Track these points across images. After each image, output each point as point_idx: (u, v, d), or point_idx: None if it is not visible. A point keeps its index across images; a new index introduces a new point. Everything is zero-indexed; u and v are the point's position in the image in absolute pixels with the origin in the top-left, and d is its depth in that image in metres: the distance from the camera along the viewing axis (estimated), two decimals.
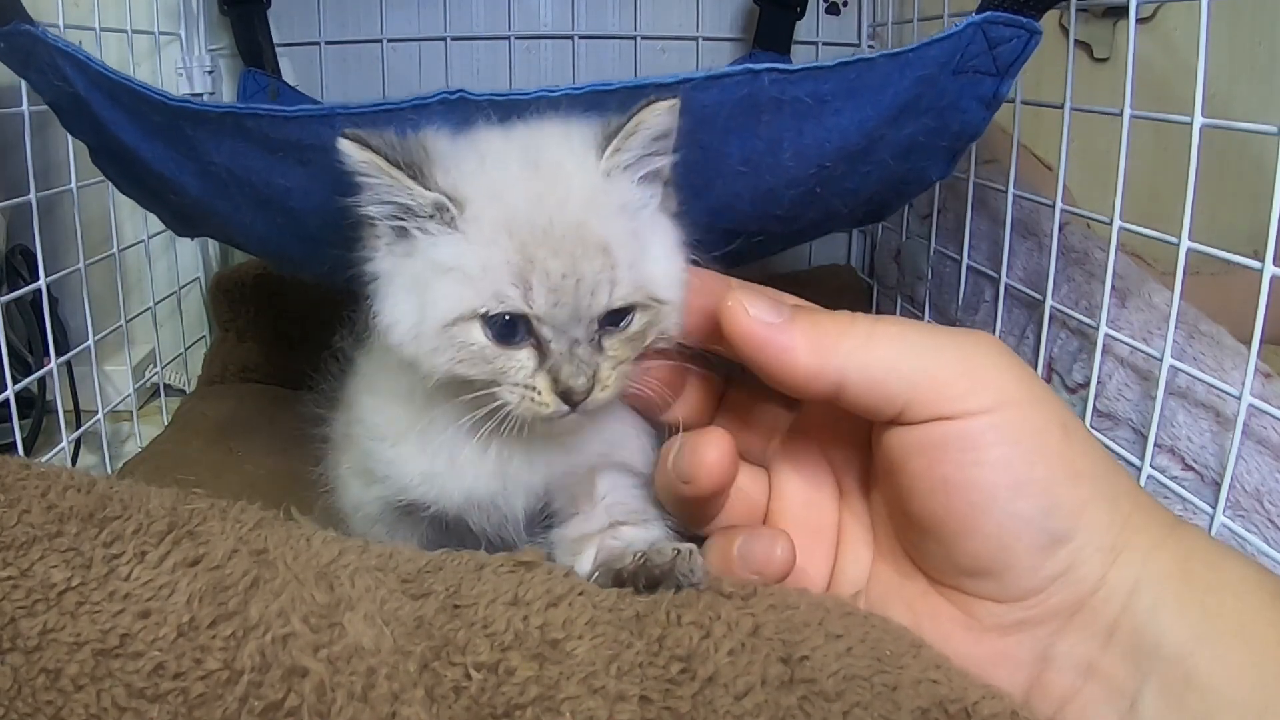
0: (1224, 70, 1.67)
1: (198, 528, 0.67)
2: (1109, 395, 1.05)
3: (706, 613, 0.63)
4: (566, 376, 0.71)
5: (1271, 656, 0.55)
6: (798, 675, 0.59)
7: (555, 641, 0.61)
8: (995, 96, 0.95)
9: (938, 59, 0.91)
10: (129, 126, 0.96)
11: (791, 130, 0.92)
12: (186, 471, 1.24)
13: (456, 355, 0.72)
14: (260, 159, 0.92)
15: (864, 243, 1.81)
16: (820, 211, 1.07)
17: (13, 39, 0.91)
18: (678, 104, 0.74)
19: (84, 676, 0.57)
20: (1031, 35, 0.91)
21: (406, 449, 0.82)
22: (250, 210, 1.00)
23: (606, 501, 0.85)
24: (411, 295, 0.73)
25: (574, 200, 0.72)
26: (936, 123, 0.98)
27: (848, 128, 0.93)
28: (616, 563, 0.75)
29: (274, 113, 0.88)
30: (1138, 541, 0.61)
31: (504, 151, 0.75)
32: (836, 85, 0.90)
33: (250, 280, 1.63)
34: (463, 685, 0.58)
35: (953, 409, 0.62)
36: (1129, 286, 1.10)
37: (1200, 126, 0.86)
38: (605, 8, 1.70)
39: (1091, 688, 0.60)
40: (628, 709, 0.57)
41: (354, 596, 0.62)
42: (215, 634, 0.59)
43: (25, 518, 0.65)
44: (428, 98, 0.85)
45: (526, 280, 0.70)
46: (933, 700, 0.58)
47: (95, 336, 1.33)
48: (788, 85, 0.88)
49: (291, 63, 1.65)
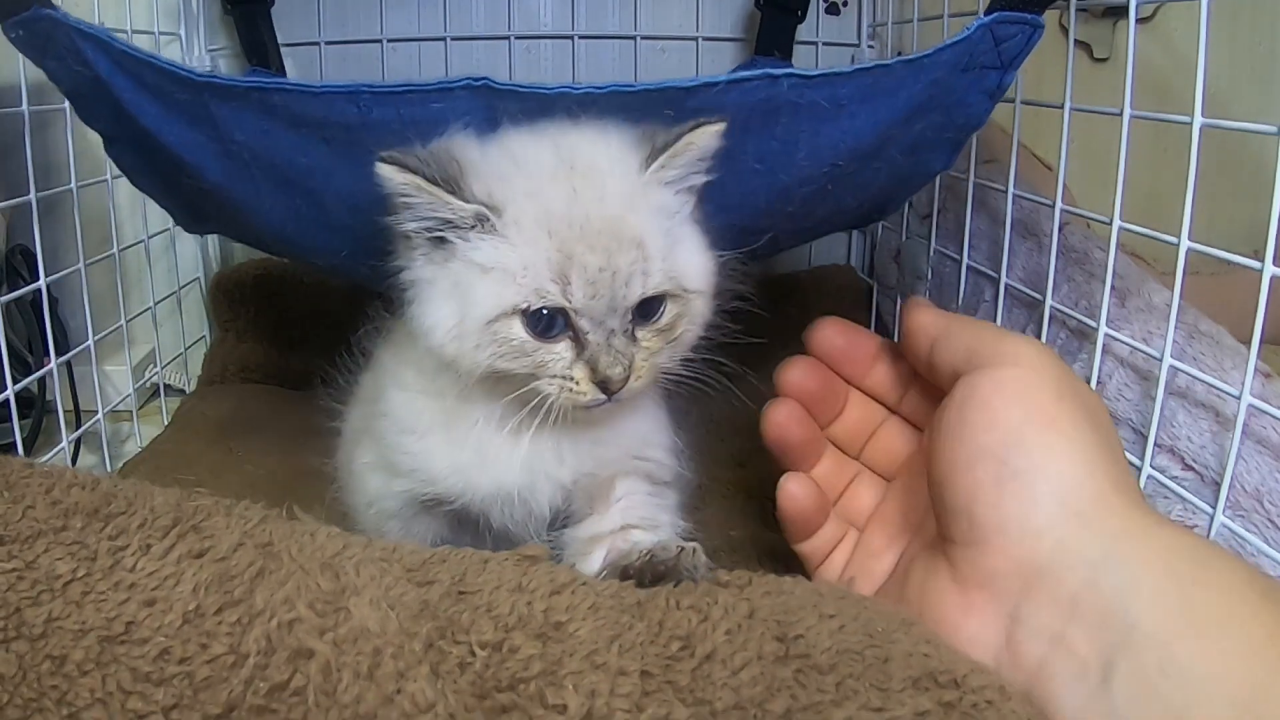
0: (1224, 70, 1.67)
1: (203, 523, 0.68)
2: (1109, 395, 1.05)
3: (704, 598, 0.65)
4: (604, 366, 0.74)
5: (1259, 651, 0.55)
6: (792, 651, 0.61)
7: (559, 623, 0.62)
8: (999, 88, 0.97)
9: (950, 61, 0.93)
10: (151, 108, 0.96)
11: (808, 132, 0.94)
12: (187, 471, 1.24)
13: (499, 350, 0.75)
14: (283, 136, 0.92)
15: (864, 243, 1.81)
16: (830, 208, 1.08)
17: (33, 25, 0.91)
18: (724, 127, 0.78)
19: (89, 662, 0.58)
20: (1035, 30, 0.93)
21: (434, 441, 0.84)
22: (270, 193, 1.00)
23: (622, 504, 0.87)
24: (452, 298, 0.76)
25: (610, 198, 0.75)
26: (943, 118, 0.99)
27: (862, 129, 0.95)
28: (623, 560, 0.77)
29: (300, 88, 0.89)
30: (1112, 523, 0.63)
31: (537, 153, 0.78)
32: (854, 90, 0.92)
33: (250, 280, 1.63)
34: (467, 662, 0.59)
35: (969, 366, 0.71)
36: (1129, 286, 1.11)
37: (1200, 126, 0.87)
38: (605, 8, 1.70)
39: (1059, 659, 0.61)
40: (629, 682, 0.58)
41: (359, 584, 0.63)
42: (221, 620, 0.60)
43: (30, 513, 0.66)
44: (452, 82, 0.86)
45: (565, 275, 0.73)
46: (924, 671, 0.60)
47: (95, 336, 1.33)
48: (806, 90, 0.90)
49: (292, 62, 1.65)
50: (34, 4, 0.90)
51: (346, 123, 0.88)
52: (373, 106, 0.87)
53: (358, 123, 0.88)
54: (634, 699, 0.58)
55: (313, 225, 1.04)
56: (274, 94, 0.90)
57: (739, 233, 1.07)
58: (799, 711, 0.57)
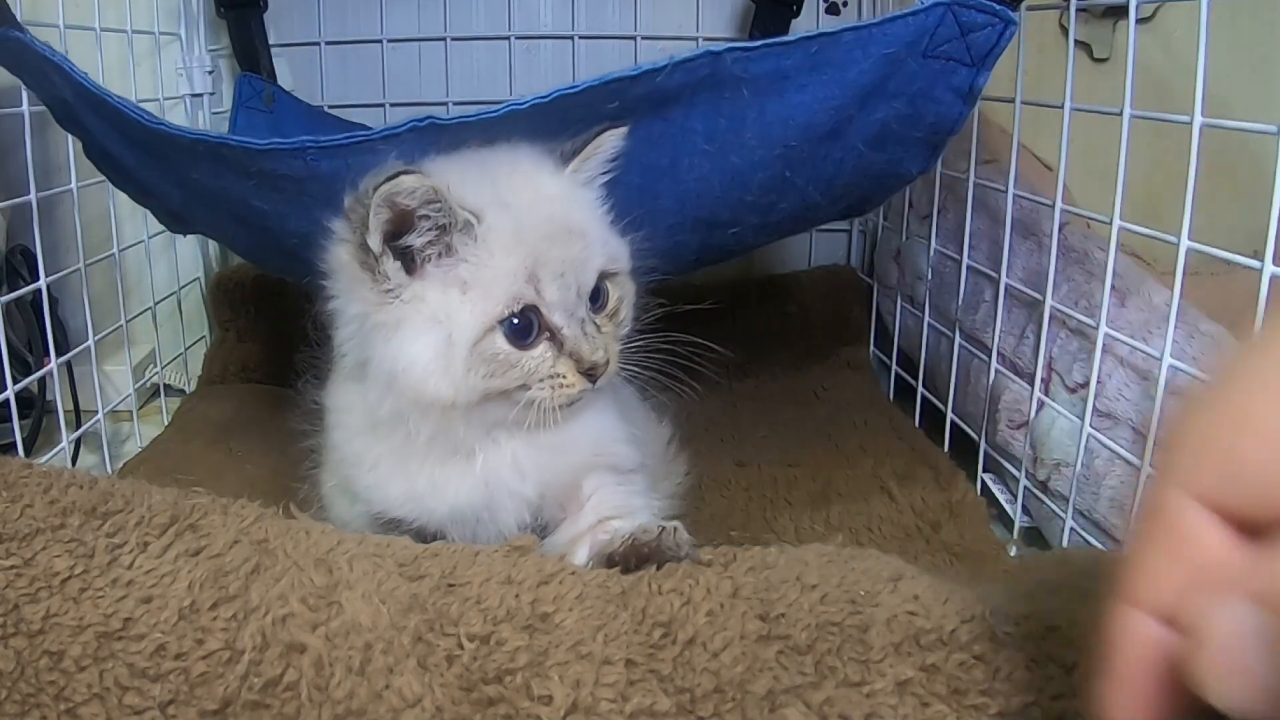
0: (1224, 70, 1.67)
1: (199, 521, 0.69)
2: (1109, 395, 1.05)
3: (686, 580, 0.66)
4: (588, 353, 0.78)
5: None
6: (774, 632, 0.61)
7: (545, 614, 0.63)
8: (971, 89, 0.96)
9: (903, 37, 0.91)
10: (111, 135, 0.98)
11: (754, 108, 0.94)
12: (187, 471, 1.24)
13: (488, 369, 0.77)
14: (236, 182, 0.94)
15: (864, 243, 1.81)
16: (795, 201, 1.07)
17: (2, 44, 0.92)
18: (623, 131, 0.85)
19: (87, 658, 0.58)
20: (1007, 25, 0.91)
21: (383, 474, 0.85)
22: (231, 223, 1.02)
23: (593, 501, 0.88)
24: (430, 330, 0.77)
25: (556, 198, 0.81)
26: (909, 109, 0.98)
27: (812, 105, 0.94)
28: (607, 549, 0.78)
29: (246, 145, 0.90)
30: None
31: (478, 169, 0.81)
32: (799, 60, 0.91)
33: (250, 280, 1.63)
34: (455, 654, 0.60)
35: None
36: (1129, 286, 1.11)
37: (1200, 126, 0.87)
38: (605, 8, 1.70)
39: None
40: (614, 672, 0.59)
41: (352, 579, 0.64)
42: (216, 616, 0.60)
43: (28, 512, 0.67)
44: (397, 127, 0.88)
45: (535, 275, 0.76)
46: (906, 634, 0.60)
47: (95, 336, 1.33)
48: (749, 63, 0.90)
49: (291, 63, 1.65)
50: (4, 24, 0.91)
51: (295, 175, 0.90)
52: (320, 159, 0.88)
53: (306, 174, 0.89)
54: (619, 688, 0.59)
55: (275, 253, 1.05)
56: (222, 148, 0.91)
57: (701, 225, 1.08)
58: (781, 693, 0.58)
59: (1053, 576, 0.85)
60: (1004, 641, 0.59)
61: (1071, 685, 0.58)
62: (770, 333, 1.69)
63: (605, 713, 0.58)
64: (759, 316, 1.69)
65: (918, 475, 1.25)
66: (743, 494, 1.24)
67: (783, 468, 1.29)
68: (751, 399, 1.56)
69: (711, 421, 1.44)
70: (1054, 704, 0.57)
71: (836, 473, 1.28)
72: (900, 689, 0.58)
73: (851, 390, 1.57)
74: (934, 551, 1.08)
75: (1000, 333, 1.24)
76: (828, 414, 1.48)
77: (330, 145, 0.87)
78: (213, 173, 0.94)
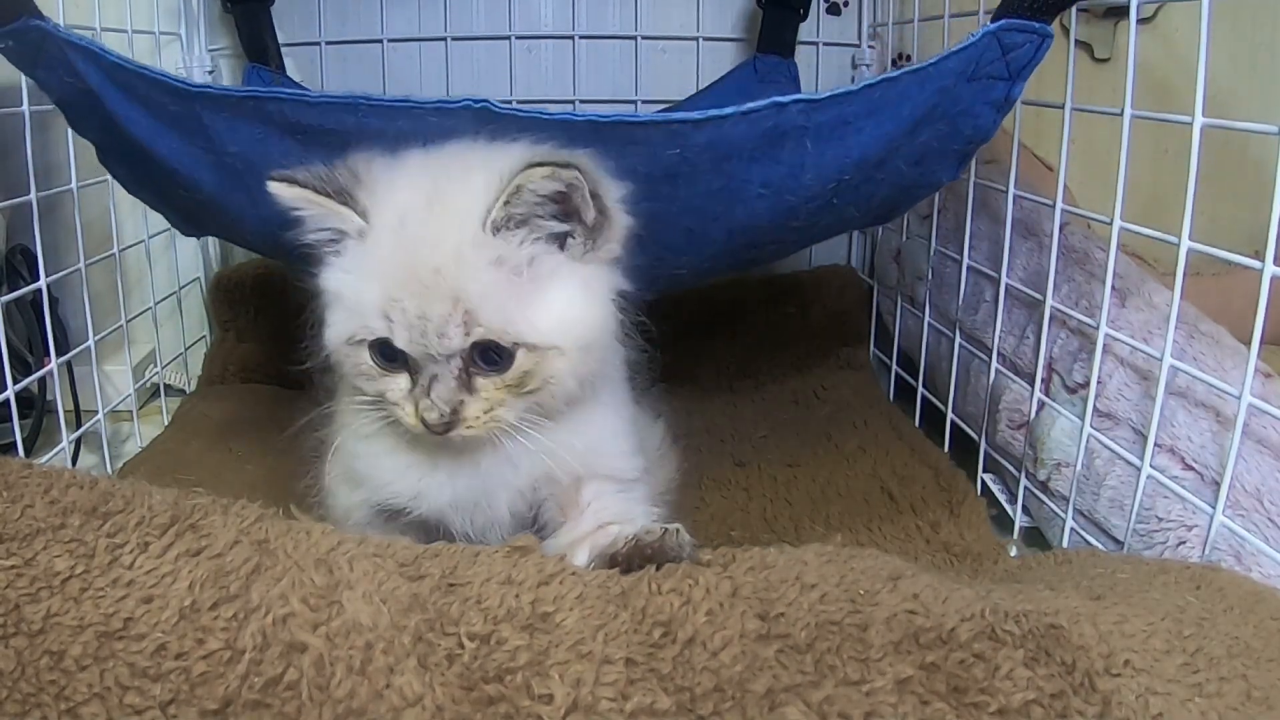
0: (1224, 70, 1.67)
1: (200, 521, 0.69)
2: (1109, 395, 1.05)
3: (685, 580, 0.66)
4: (422, 410, 0.76)
5: None
6: (774, 631, 0.61)
7: (545, 615, 0.63)
8: (1007, 100, 0.96)
9: (955, 69, 0.92)
10: (143, 120, 0.97)
11: (814, 154, 0.94)
12: (187, 471, 1.24)
13: (354, 370, 0.80)
14: (277, 144, 0.93)
15: (864, 243, 1.81)
16: (834, 218, 1.08)
17: (22, 35, 0.91)
18: (556, 171, 0.73)
19: (87, 657, 0.58)
20: (1044, 39, 0.92)
21: (383, 445, 0.86)
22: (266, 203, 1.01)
23: (593, 507, 0.88)
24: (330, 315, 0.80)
25: (442, 247, 0.74)
26: (949, 129, 0.98)
27: (868, 143, 0.95)
28: (610, 549, 0.79)
29: (298, 97, 0.89)
30: None
31: (413, 182, 0.78)
32: (861, 107, 0.91)
33: (250, 280, 1.63)
34: (455, 654, 0.60)
35: None
36: (1129, 286, 1.11)
37: (1200, 126, 0.87)
38: (606, 8, 1.70)
39: None
40: (614, 671, 0.59)
41: (353, 579, 0.64)
42: (217, 616, 0.60)
43: (29, 512, 0.67)
44: (452, 102, 0.87)
45: (389, 315, 0.75)
46: (905, 632, 0.60)
47: (95, 336, 1.33)
48: (814, 113, 0.90)
49: (292, 62, 1.65)
50: (22, 14, 0.90)
51: (343, 130, 0.89)
52: (371, 116, 0.88)
53: (355, 129, 0.89)
54: (619, 687, 0.59)
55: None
56: (269, 103, 0.91)
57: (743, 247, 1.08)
58: (781, 692, 0.58)
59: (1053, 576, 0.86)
60: (1003, 640, 0.59)
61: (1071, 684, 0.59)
62: (770, 333, 1.69)
63: (605, 712, 0.58)
64: (759, 317, 1.69)
65: (918, 475, 1.25)
66: (743, 494, 1.24)
67: (783, 468, 1.29)
68: (751, 399, 1.56)
69: (711, 421, 1.44)
70: (1054, 702, 0.57)
71: (836, 473, 1.28)
72: (900, 687, 0.58)
73: (851, 390, 1.57)
74: (934, 551, 1.08)
75: (1000, 333, 1.24)
76: (828, 414, 1.48)
77: (382, 105, 0.88)
78: (252, 138, 0.94)
